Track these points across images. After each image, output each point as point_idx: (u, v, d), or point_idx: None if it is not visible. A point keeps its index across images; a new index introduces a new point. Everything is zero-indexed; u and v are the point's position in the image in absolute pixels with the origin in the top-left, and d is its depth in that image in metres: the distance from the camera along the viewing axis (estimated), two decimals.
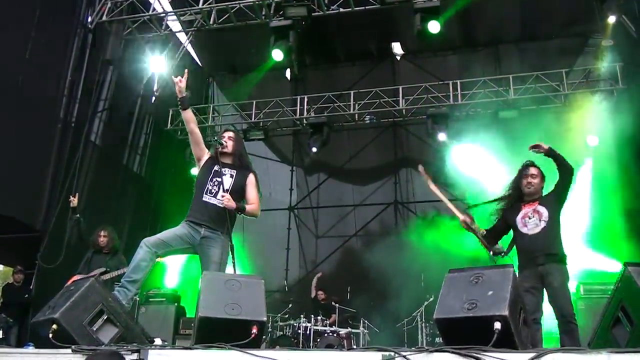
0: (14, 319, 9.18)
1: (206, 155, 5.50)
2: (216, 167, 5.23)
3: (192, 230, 5.10)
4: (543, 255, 5.08)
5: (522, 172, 5.55)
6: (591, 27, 11.41)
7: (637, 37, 10.76)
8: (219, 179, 5.15)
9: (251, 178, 5.36)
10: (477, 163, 12.62)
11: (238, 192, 5.21)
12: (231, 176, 5.27)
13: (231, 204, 5.00)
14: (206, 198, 5.16)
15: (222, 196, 5.05)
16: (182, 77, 5.27)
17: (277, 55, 11.16)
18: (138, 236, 11.71)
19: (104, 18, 11.44)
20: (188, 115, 5.42)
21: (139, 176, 13.36)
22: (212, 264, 5.01)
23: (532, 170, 5.48)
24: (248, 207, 5.22)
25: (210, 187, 5.19)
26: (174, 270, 13.32)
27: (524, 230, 5.31)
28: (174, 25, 12.22)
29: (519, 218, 5.38)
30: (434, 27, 10.50)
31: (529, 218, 5.32)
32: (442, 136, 12.69)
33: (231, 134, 5.54)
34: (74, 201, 8.02)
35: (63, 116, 10.65)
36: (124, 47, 11.69)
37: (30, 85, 9.59)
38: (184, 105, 5.38)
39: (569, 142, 12.30)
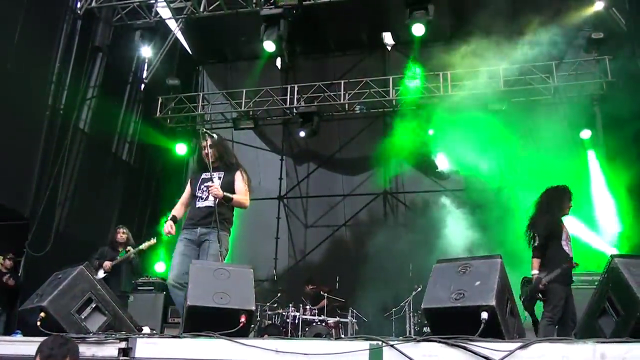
0: (2, 307, 9.13)
1: (188, 184, 5.74)
2: (204, 175, 5.49)
3: (190, 235, 5.35)
4: None
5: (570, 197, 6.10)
6: (582, 20, 11.43)
7: (627, 30, 10.81)
8: (208, 184, 5.35)
9: (238, 175, 5.57)
10: (465, 153, 12.70)
11: (227, 189, 5.40)
12: (219, 178, 5.50)
13: (218, 192, 5.22)
14: (198, 204, 5.43)
15: (210, 186, 5.26)
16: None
17: (269, 46, 11.13)
18: (126, 223, 11.77)
19: (94, 4, 11.34)
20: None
21: (128, 164, 13.28)
22: (209, 257, 5.18)
23: None
24: (235, 197, 5.42)
25: (200, 194, 5.46)
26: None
27: (566, 249, 5.91)
28: (164, 12, 12.15)
29: (564, 236, 5.94)
30: (418, 30, 10.61)
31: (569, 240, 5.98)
32: (430, 131, 12.81)
33: (209, 141, 5.55)
34: (108, 266, 8.32)
35: (51, 103, 10.56)
36: (113, 34, 11.62)
37: (19, 71, 9.50)
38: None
39: (558, 134, 12.43)
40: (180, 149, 14.27)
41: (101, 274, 8.10)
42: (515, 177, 12.12)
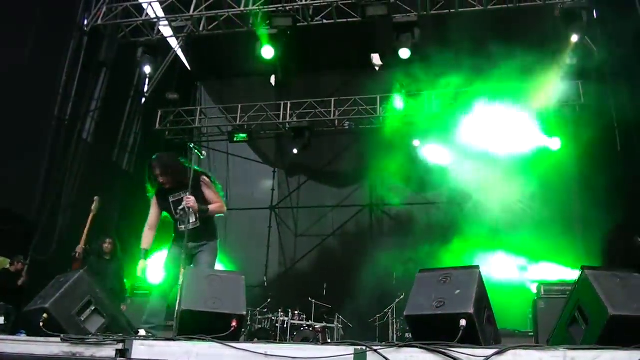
0: (14, 307, 9.00)
1: (154, 201, 5.66)
2: (172, 199, 5.47)
3: (180, 251, 5.27)
4: None
5: None
6: (557, 47, 11.56)
7: (598, 57, 10.96)
8: (180, 206, 5.29)
9: (203, 186, 5.49)
10: (447, 162, 12.85)
11: (199, 202, 5.35)
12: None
13: (194, 204, 5.22)
14: (181, 228, 5.35)
15: (187, 198, 5.22)
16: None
17: (267, 53, 11.19)
18: (124, 231, 11.70)
19: (100, 22, 11.36)
20: None
21: (128, 173, 13.26)
22: (201, 265, 5.28)
23: None
24: (210, 207, 5.41)
25: (178, 217, 5.41)
26: (158, 266, 13.23)
27: None
28: (166, 30, 12.17)
29: None
30: (404, 53, 10.72)
31: None
32: (416, 142, 12.86)
33: (158, 170, 5.48)
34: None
35: (57, 114, 10.55)
36: (117, 50, 11.61)
37: (28, 83, 9.50)
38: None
39: None
40: None
41: None
42: (495, 188, 12.21)
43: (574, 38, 10.37)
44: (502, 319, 5.94)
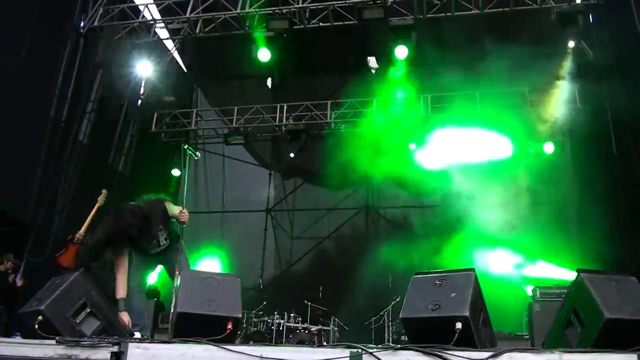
0: (3, 307, 8.96)
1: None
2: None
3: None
4: None
5: None
6: (554, 50, 11.60)
7: (594, 61, 11.00)
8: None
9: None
10: (442, 165, 12.87)
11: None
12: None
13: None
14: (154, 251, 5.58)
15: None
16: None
17: (264, 55, 11.20)
18: None
19: (96, 23, 11.36)
20: None
21: (123, 175, 13.24)
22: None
23: None
24: None
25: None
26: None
27: None
28: (162, 32, 12.16)
29: None
30: (401, 52, 10.70)
31: None
32: (411, 145, 12.86)
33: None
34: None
35: (53, 115, 10.54)
36: (113, 52, 11.59)
37: (24, 84, 9.47)
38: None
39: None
40: (176, 172, 14.22)
41: None
42: (488, 192, 12.23)
43: (571, 44, 10.41)
44: (498, 322, 5.94)
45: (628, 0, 9.30)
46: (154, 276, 13.00)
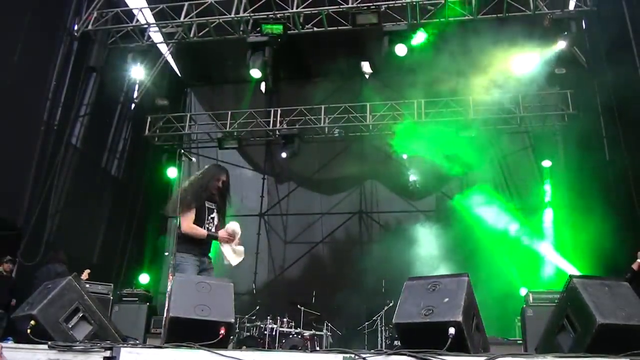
0: (5, 309, 8.88)
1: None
2: (208, 205, 5.63)
3: (200, 265, 5.66)
4: None
5: None
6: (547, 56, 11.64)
7: (587, 67, 11.06)
8: (212, 214, 5.68)
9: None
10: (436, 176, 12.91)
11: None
12: (217, 211, 5.79)
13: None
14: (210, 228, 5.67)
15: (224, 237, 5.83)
16: None
17: (255, 73, 11.18)
18: (113, 235, 11.58)
19: (90, 27, 11.32)
20: None
21: (116, 179, 13.21)
22: None
23: None
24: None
25: (208, 226, 5.67)
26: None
27: None
28: (156, 36, 12.17)
29: None
30: (401, 50, 10.68)
31: None
32: (404, 155, 12.98)
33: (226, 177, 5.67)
34: None
35: (46, 119, 10.49)
36: (107, 56, 11.57)
37: (17, 88, 9.43)
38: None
39: (522, 163, 12.65)
40: (172, 172, 14.10)
41: None
42: (482, 198, 12.28)
43: (563, 47, 10.44)
44: (491, 327, 5.95)
45: (621, 6, 9.35)
46: (146, 278, 13.04)
